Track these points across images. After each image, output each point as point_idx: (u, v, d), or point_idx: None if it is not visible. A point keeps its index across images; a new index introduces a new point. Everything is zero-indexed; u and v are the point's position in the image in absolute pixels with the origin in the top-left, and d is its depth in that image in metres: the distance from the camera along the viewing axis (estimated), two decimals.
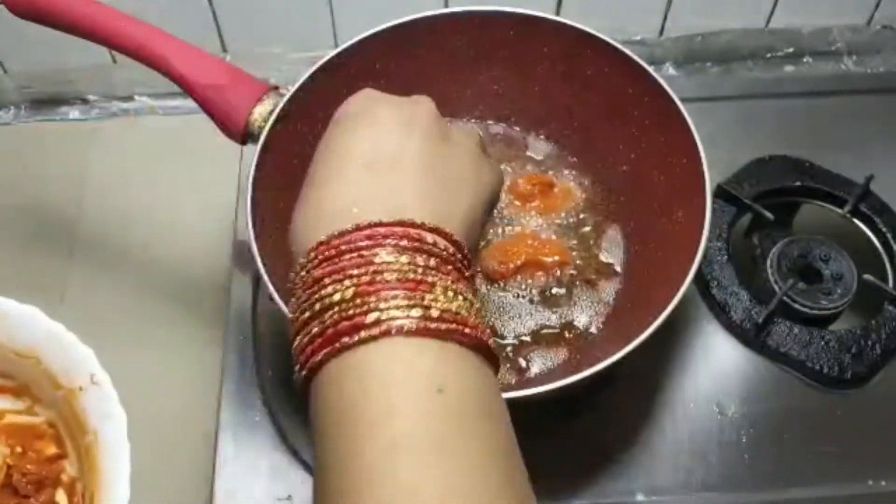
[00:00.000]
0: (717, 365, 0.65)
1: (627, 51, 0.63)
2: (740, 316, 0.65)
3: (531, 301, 0.63)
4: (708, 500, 0.59)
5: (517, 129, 0.71)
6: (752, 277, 0.68)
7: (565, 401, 0.61)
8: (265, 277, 0.54)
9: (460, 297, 0.35)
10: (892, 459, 0.61)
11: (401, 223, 0.36)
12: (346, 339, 0.33)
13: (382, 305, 0.33)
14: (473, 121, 0.71)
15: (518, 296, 0.63)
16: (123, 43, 0.58)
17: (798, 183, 0.72)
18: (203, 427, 0.62)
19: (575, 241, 0.66)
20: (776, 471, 0.60)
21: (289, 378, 0.64)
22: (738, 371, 0.64)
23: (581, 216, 0.67)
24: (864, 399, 0.63)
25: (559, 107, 0.69)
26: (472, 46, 0.67)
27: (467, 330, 0.34)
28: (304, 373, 0.34)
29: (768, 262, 0.68)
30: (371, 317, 0.33)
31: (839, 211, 0.72)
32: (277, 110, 0.59)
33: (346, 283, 0.34)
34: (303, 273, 0.36)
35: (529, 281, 0.64)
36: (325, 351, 0.33)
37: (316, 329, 0.34)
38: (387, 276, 0.34)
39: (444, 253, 0.36)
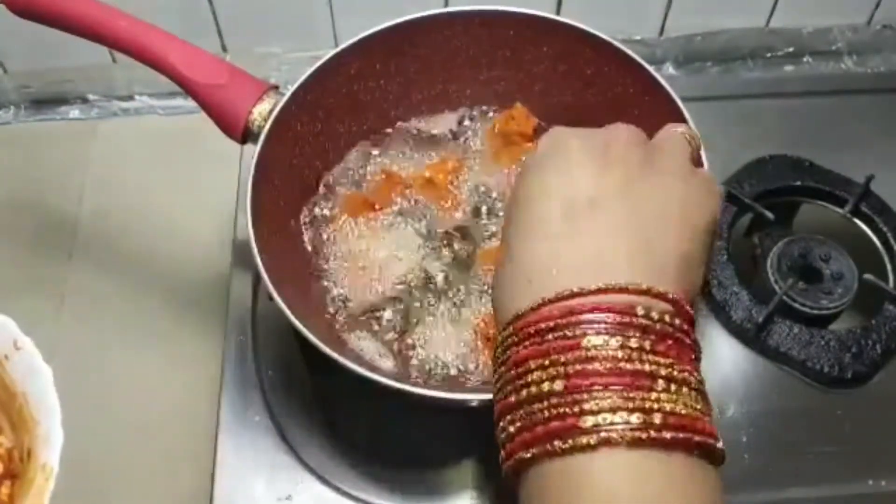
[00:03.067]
0: (717, 365, 0.65)
1: (627, 50, 0.63)
2: (740, 316, 0.65)
3: None
4: None
5: (517, 128, 0.71)
6: (752, 277, 0.68)
7: None
8: (265, 277, 0.53)
9: (684, 390, 0.31)
10: (892, 459, 0.61)
11: (606, 289, 0.32)
12: (559, 443, 0.30)
13: (597, 406, 0.30)
14: (474, 115, 0.71)
15: None
16: (123, 42, 0.58)
17: (798, 183, 0.72)
18: (203, 427, 0.62)
19: None
20: (776, 471, 0.60)
21: (289, 378, 0.64)
22: (738, 371, 0.64)
23: None
24: (864, 399, 0.63)
25: (559, 106, 0.69)
26: (472, 46, 0.67)
27: (696, 438, 0.31)
28: (510, 463, 0.32)
29: (768, 262, 0.68)
30: (587, 421, 0.30)
31: (839, 211, 0.72)
32: (277, 110, 0.59)
33: (553, 370, 0.31)
34: (506, 348, 0.33)
35: None
36: (535, 449, 0.31)
37: (523, 421, 0.32)
38: (598, 365, 0.31)
39: (660, 324, 0.32)
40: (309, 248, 0.65)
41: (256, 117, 0.59)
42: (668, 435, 0.30)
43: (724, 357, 0.65)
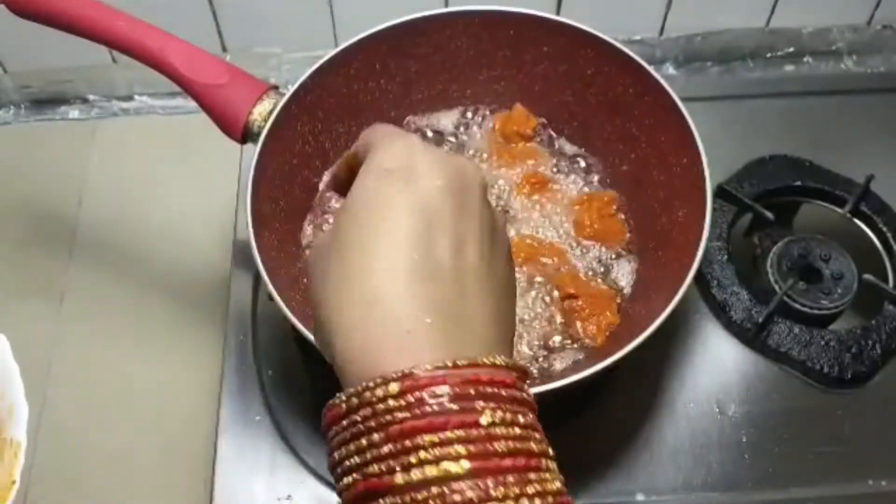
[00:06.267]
0: (717, 365, 0.65)
1: (627, 50, 0.63)
2: (740, 316, 0.65)
3: (528, 301, 0.63)
4: (708, 500, 0.59)
5: (517, 128, 0.71)
6: (752, 277, 0.68)
7: (565, 400, 0.61)
8: (265, 277, 0.53)
9: (553, 466, 0.30)
10: (892, 459, 0.61)
11: (493, 365, 0.30)
12: None
13: (501, 493, 0.28)
14: (474, 115, 0.71)
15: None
16: (123, 42, 0.58)
17: (798, 183, 0.72)
18: (203, 427, 0.62)
19: (573, 241, 0.66)
20: (776, 471, 0.60)
21: (289, 378, 0.64)
22: (738, 371, 0.64)
23: (580, 215, 0.67)
24: (864, 399, 0.63)
25: (559, 106, 0.69)
26: (473, 46, 0.67)
27: None
28: None
29: (768, 262, 0.68)
30: None
31: (839, 211, 0.72)
32: (277, 110, 0.59)
33: (454, 449, 0.28)
34: (376, 405, 0.30)
35: (526, 282, 0.64)
36: None
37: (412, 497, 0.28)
38: (497, 445, 0.29)
39: (523, 393, 0.31)
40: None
41: (256, 117, 0.59)
42: None
43: (724, 357, 0.65)
